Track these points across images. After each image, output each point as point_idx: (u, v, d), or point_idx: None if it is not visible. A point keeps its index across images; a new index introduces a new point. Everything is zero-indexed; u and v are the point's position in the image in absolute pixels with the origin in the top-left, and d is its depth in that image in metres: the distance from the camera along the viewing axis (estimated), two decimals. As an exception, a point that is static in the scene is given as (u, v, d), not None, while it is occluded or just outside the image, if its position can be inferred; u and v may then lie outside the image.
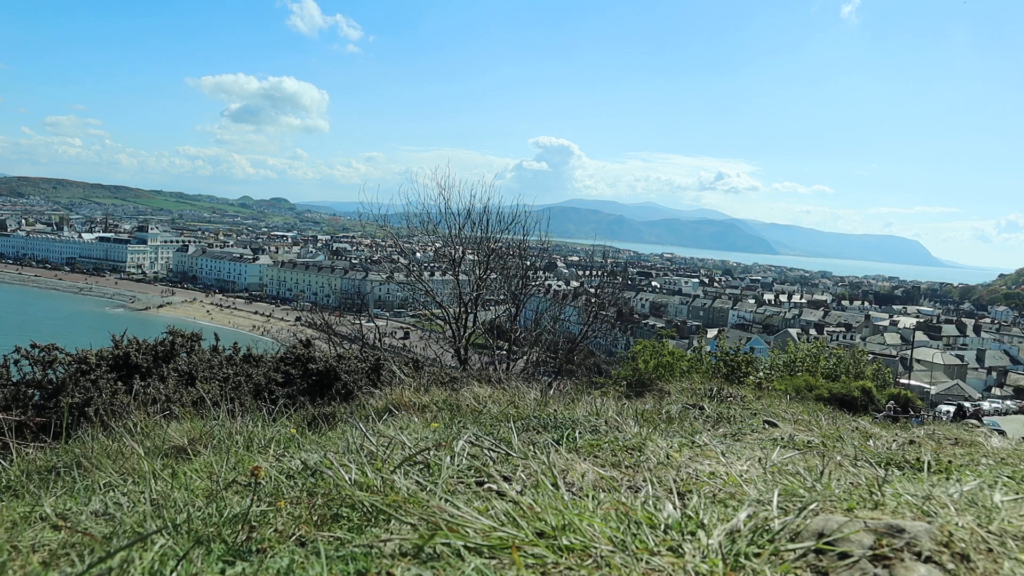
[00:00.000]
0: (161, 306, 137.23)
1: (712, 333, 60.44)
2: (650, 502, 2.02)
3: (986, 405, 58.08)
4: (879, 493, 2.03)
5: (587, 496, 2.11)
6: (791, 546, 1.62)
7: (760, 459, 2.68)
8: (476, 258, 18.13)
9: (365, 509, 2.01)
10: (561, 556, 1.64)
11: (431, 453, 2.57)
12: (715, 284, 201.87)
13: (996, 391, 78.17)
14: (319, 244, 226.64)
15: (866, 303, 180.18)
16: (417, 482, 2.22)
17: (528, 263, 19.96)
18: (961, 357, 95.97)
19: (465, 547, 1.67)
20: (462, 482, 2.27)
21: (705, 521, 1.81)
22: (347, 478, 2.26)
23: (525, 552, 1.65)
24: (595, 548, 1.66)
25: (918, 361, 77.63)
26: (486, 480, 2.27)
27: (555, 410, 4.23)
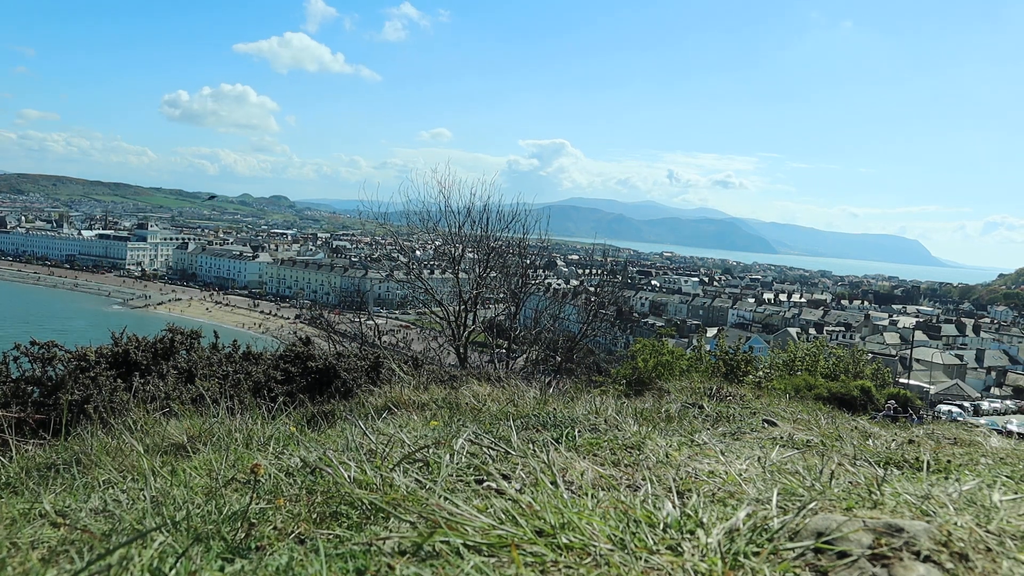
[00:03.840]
0: (161, 303, 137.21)
1: (712, 332, 60.49)
2: (649, 501, 2.02)
3: (985, 405, 58.14)
4: (878, 492, 2.03)
5: (586, 494, 2.11)
6: (790, 545, 1.62)
7: (759, 458, 2.68)
8: (476, 256, 18.14)
9: (364, 507, 2.01)
10: (560, 554, 1.64)
11: (430, 451, 2.57)
12: (715, 283, 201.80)
13: (995, 391, 78.21)
14: (319, 242, 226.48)
15: (866, 303, 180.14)
16: (416, 480, 2.22)
17: (528, 261, 19.96)
18: (960, 357, 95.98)
19: (464, 545, 1.67)
20: (461, 480, 2.27)
21: (704, 520, 1.81)
22: (346, 476, 2.26)
23: (524, 550, 1.65)
24: (594, 546, 1.66)
25: (917, 361, 77.68)
26: (485, 478, 2.27)
27: (554, 408, 4.23)
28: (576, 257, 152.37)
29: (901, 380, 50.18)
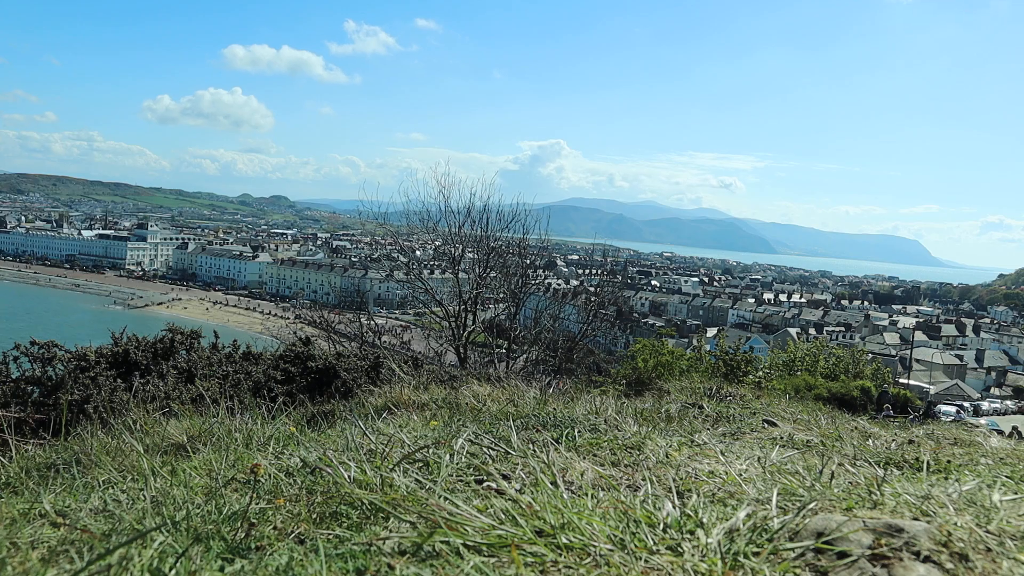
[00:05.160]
0: (160, 303, 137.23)
1: (711, 332, 60.48)
2: (649, 501, 2.02)
3: (985, 405, 58.15)
4: (878, 492, 2.03)
5: (586, 495, 2.11)
6: (790, 545, 1.62)
7: (759, 458, 2.68)
8: (476, 256, 18.13)
9: (364, 507, 2.01)
10: (560, 554, 1.64)
11: (430, 451, 2.57)
12: (715, 283, 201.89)
13: (995, 391, 78.23)
14: (319, 242, 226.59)
15: (866, 303, 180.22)
16: (416, 480, 2.22)
17: (528, 261, 19.95)
18: (960, 357, 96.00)
19: (464, 545, 1.67)
20: (461, 480, 2.27)
21: (704, 520, 1.81)
22: (346, 476, 2.26)
23: (524, 550, 1.65)
24: (594, 547, 1.66)
25: (917, 361, 77.66)
26: (485, 478, 2.27)
27: (554, 409, 4.23)
28: (576, 257, 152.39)
29: (901, 380, 50.18)
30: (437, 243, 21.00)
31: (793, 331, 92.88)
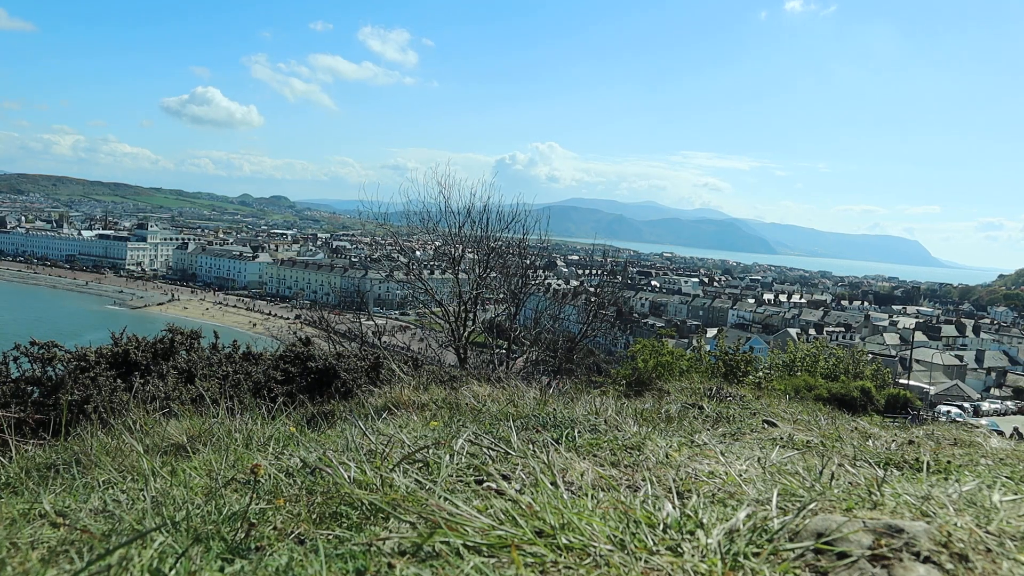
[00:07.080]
0: (160, 304, 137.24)
1: (711, 333, 60.50)
2: (649, 501, 2.02)
3: (985, 406, 58.14)
4: (878, 493, 2.03)
5: (586, 495, 2.11)
6: (790, 546, 1.62)
7: (759, 459, 2.68)
8: (476, 256, 18.13)
9: (364, 507, 2.01)
10: (560, 555, 1.64)
11: (430, 451, 2.57)
12: (715, 284, 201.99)
13: (995, 392, 78.22)
14: (319, 242, 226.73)
15: (866, 303, 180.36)
16: (416, 480, 2.23)
17: (528, 262, 19.94)
18: (960, 357, 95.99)
19: (464, 545, 1.67)
20: (461, 480, 2.27)
21: (704, 520, 1.81)
22: (346, 476, 2.26)
23: (524, 551, 1.65)
24: (594, 547, 1.66)
25: (917, 361, 77.63)
26: (485, 479, 2.27)
27: (554, 409, 4.23)
28: (576, 257, 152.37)
29: (901, 381, 50.18)
30: (437, 243, 21.00)
31: (793, 331, 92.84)
